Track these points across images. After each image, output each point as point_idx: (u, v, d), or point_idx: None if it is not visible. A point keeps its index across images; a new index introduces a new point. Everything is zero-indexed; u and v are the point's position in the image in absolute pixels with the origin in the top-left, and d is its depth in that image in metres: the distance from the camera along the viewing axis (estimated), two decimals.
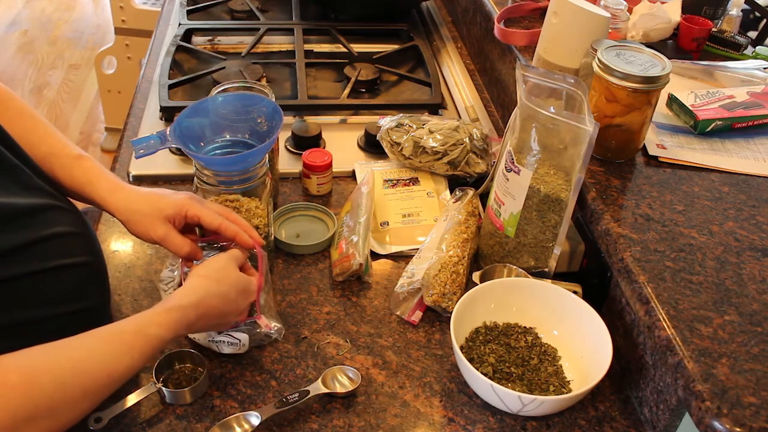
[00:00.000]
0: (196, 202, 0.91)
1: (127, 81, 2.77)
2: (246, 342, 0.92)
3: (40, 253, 0.79)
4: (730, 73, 1.29)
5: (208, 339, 0.91)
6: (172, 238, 0.89)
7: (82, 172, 0.91)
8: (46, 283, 0.80)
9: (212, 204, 0.93)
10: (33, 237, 0.79)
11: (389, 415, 0.88)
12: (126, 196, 0.90)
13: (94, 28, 4.01)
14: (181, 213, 0.90)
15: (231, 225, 0.91)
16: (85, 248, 0.86)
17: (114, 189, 0.91)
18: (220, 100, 1.00)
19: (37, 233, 0.79)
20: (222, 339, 0.91)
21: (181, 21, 1.68)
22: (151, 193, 0.92)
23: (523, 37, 1.34)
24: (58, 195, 0.88)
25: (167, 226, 0.89)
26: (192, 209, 0.90)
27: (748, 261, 0.91)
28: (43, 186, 0.85)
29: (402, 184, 1.22)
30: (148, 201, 0.90)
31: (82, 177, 0.91)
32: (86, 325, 0.85)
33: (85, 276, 0.85)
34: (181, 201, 0.90)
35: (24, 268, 0.77)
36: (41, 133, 0.92)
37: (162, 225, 0.89)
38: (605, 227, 0.96)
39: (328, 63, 1.61)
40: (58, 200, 0.86)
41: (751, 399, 0.73)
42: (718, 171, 1.07)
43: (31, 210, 0.80)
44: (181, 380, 0.90)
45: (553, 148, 0.96)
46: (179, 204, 0.90)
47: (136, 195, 0.91)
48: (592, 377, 0.86)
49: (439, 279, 1.01)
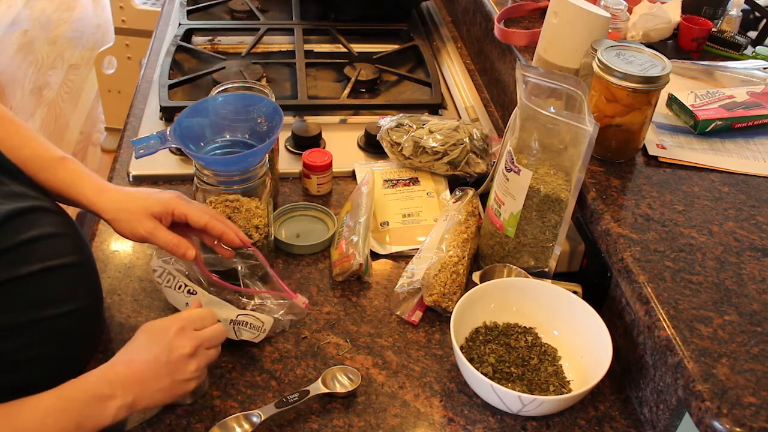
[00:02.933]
0: (183, 200, 0.92)
1: (127, 81, 2.77)
2: (268, 327, 0.92)
3: (26, 256, 0.78)
4: (730, 73, 1.29)
5: (230, 321, 0.91)
6: (160, 232, 0.89)
7: (66, 174, 0.90)
8: (33, 285, 0.79)
9: (199, 204, 0.94)
10: (17, 240, 0.78)
11: (389, 415, 0.88)
12: (112, 196, 0.91)
13: (94, 28, 4.01)
14: (168, 210, 0.90)
15: (218, 223, 0.91)
16: (72, 249, 0.85)
17: (99, 189, 0.91)
18: (220, 100, 1.00)
19: (21, 236, 0.78)
20: (245, 320, 0.91)
21: (181, 21, 1.68)
22: (138, 191, 0.92)
23: (523, 37, 1.34)
24: (42, 197, 0.87)
25: (154, 221, 0.90)
26: (179, 207, 0.91)
27: (748, 261, 0.91)
28: (26, 191, 0.84)
29: (402, 184, 1.22)
30: (135, 199, 0.91)
31: (66, 179, 0.90)
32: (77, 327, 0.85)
33: (73, 277, 0.84)
34: (168, 199, 0.91)
35: (9, 272, 0.76)
36: (23, 136, 0.91)
37: (149, 221, 0.89)
38: (605, 227, 0.96)
39: (328, 63, 1.61)
40: (42, 202, 0.85)
41: (751, 399, 0.73)
42: (718, 171, 1.07)
43: (14, 214, 0.79)
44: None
45: (553, 148, 0.96)
46: (166, 202, 0.90)
47: (122, 194, 0.91)
48: (592, 377, 0.86)
49: (439, 279, 1.01)
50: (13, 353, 0.77)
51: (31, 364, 0.79)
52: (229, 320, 0.91)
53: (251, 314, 0.91)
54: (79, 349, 0.88)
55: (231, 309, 0.91)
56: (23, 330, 0.78)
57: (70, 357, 0.86)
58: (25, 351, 0.78)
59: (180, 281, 0.94)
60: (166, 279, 0.95)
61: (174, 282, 0.94)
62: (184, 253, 0.90)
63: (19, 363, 0.77)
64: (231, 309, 0.91)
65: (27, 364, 0.79)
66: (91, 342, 0.91)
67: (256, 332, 0.92)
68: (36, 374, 0.80)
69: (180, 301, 0.94)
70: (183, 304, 0.94)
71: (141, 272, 1.05)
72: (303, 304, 0.95)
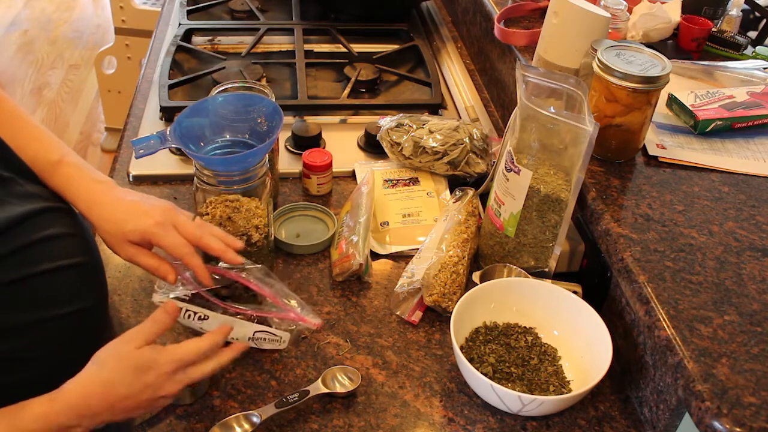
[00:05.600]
0: (161, 229, 0.86)
1: (127, 81, 2.77)
2: (287, 339, 0.91)
3: (34, 257, 0.79)
4: (730, 73, 1.29)
5: (248, 338, 0.89)
6: (140, 258, 0.88)
7: (62, 181, 0.89)
8: (41, 285, 0.79)
9: (186, 225, 0.89)
10: (27, 241, 0.78)
11: (389, 415, 0.88)
12: (100, 213, 0.88)
13: (94, 28, 4.01)
14: (146, 241, 0.87)
15: (194, 257, 0.87)
16: (79, 249, 0.86)
17: (91, 202, 0.89)
18: (220, 100, 1.00)
19: (31, 237, 0.79)
20: (262, 336, 0.89)
21: (181, 21, 1.68)
22: (124, 211, 0.88)
23: (523, 37, 1.34)
24: (53, 197, 0.88)
25: (134, 247, 0.88)
26: (156, 239, 0.86)
27: (748, 261, 0.91)
28: (38, 191, 0.85)
29: (402, 184, 1.22)
30: (117, 223, 0.87)
31: (61, 185, 0.89)
32: (83, 326, 0.85)
33: (80, 277, 0.85)
34: (144, 230, 0.86)
35: (18, 272, 0.77)
36: (27, 136, 0.90)
37: (129, 247, 0.88)
38: (605, 227, 0.96)
39: (328, 63, 1.61)
40: (53, 202, 0.86)
41: (751, 399, 0.73)
42: (718, 171, 1.07)
43: (26, 216, 0.80)
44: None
45: (553, 148, 0.96)
46: (143, 233, 0.87)
47: (108, 213, 0.88)
48: (592, 377, 0.86)
49: (439, 279, 1.01)
50: (20, 351, 0.77)
51: (36, 363, 0.79)
52: (246, 338, 0.89)
53: (267, 330, 0.90)
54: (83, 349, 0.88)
55: (247, 326, 0.89)
56: (31, 329, 0.78)
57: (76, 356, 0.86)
58: (32, 350, 0.78)
59: (188, 311, 0.89)
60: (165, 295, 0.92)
61: (182, 314, 0.89)
62: (164, 277, 0.88)
63: (24, 362, 0.78)
64: (247, 326, 0.89)
65: (32, 363, 0.79)
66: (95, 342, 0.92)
67: (276, 344, 0.91)
68: (40, 374, 0.80)
69: (194, 327, 0.90)
70: (198, 330, 0.90)
71: (141, 272, 1.05)
72: (314, 326, 0.92)
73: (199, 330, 0.89)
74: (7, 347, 0.76)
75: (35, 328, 0.79)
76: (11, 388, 0.75)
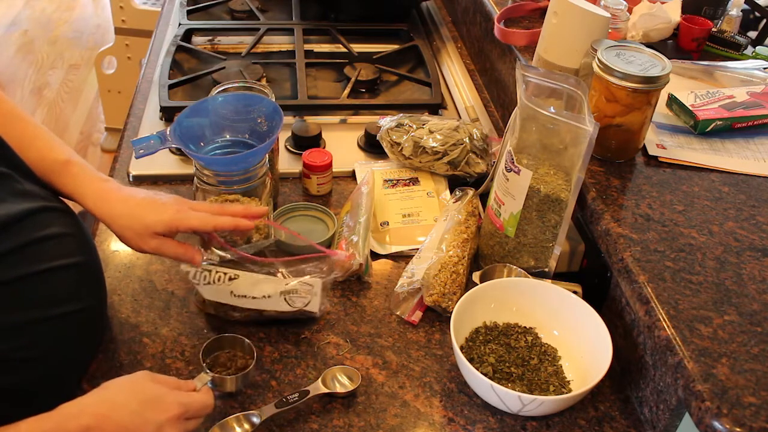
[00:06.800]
0: (184, 215, 0.89)
1: (127, 81, 2.77)
2: (318, 289, 0.91)
3: (33, 256, 0.79)
4: (730, 73, 1.29)
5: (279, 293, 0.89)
6: (165, 248, 0.89)
7: (70, 180, 0.90)
8: (40, 284, 0.79)
9: (201, 204, 0.92)
10: (25, 240, 0.78)
11: (389, 415, 0.88)
12: (111, 209, 0.89)
13: (94, 28, 4.01)
14: (172, 230, 0.89)
15: (226, 220, 0.90)
16: (78, 249, 0.85)
17: (101, 199, 0.90)
18: (220, 100, 1.01)
19: (30, 236, 0.79)
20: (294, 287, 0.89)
21: (181, 21, 1.68)
22: (139, 206, 0.89)
23: (523, 37, 1.34)
24: (51, 197, 0.88)
25: (158, 238, 0.89)
26: (183, 224, 0.89)
27: (748, 261, 0.91)
28: (36, 190, 0.85)
29: (402, 184, 1.22)
30: (136, 218, 0.88)
31: (69, 185, 0.90)
32: (83, 326, 0.85)
33: (78, 277, 0.85)
34: (170, 219, 0.88)
35: (16, 272, 0.77)
36: (30, 136, 0.91)
37: (153, 239, 0.88)
38: (605, 227, 0.96)
39: (328, 63, 1.61)
40: (51, 201, 0.86)
41: (751, 399, 0.73)
42: (718, 171, 1.07)
43: (24, 215, 0.80)
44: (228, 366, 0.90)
45: (553, 148, 0.96)
46: (168, 223, 0.88)
47: (122, 208, 0.89)
48: (592, 377, 0.86)
49: (439, 279, 1.01)
50: (17, 351, 0.77)
51: (34, 364, 0.79)
52: (279, 292, 0.90)
53: (299, 281, 0.90)
54: (82, 349, 0.88)
55: (278, 281, 0.90)
56: (30, 328, 0.78)
57: (74, 357, 0.86)
58: (30, 350, 0.78)
59: (217, 273, 0.91)
60: (203, 277, 0.93)
61: (211, 276, 0.92)
62: (191, 261, 0.90)
63: (22, 362, 0.78)
64: (278, 281, 0.90)
65: (31, 363, 0.79)
66: (94, 342, 0.92)
67: (308, 296, 0.91)
68: (39, 375, 0.80)
69: (224, 292, 0.92)
70: (228, 294, 0.92)
71: (141, 272, 1.05)
72: (345, 257, 0.92)
73: (230, 296, 0.91)
74: (5, 347, 0.75)
75: (34, 327, 0.78)
76: (8, 390, 0.75)
